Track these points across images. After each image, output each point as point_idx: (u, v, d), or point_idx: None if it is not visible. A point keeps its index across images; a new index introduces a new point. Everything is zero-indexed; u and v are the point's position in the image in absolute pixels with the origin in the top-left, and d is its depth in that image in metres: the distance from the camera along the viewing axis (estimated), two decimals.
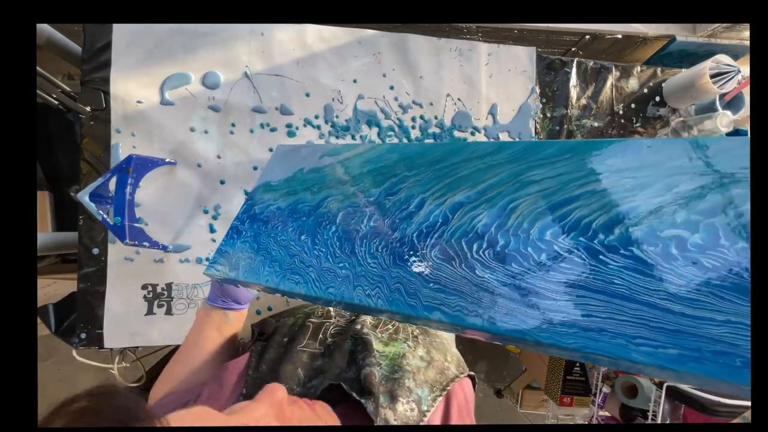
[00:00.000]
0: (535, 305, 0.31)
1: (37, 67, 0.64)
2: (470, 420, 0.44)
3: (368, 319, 0.50)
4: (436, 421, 0.40)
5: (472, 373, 0.48)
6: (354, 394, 0.37)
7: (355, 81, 0.82)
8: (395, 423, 0.37)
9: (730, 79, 0.86)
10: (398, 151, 0.46)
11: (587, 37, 1.02)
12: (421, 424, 0.38)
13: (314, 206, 0.48)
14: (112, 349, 0.74)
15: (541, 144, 0.37)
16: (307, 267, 0.44)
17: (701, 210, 0.29)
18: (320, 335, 0.48)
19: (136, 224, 0.70)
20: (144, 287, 0.72)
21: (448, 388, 0.43)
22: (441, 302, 0.35)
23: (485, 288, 0.33)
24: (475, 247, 0.35)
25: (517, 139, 0.87)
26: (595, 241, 0.31)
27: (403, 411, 0.38)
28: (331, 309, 0.54)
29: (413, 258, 0.38)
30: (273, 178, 0.55)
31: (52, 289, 1.14)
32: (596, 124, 0.92)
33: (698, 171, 0.30)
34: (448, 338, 0.55)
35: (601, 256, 0.30)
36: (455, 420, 0.41)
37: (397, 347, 0.46)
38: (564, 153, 0.36)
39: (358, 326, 0.48)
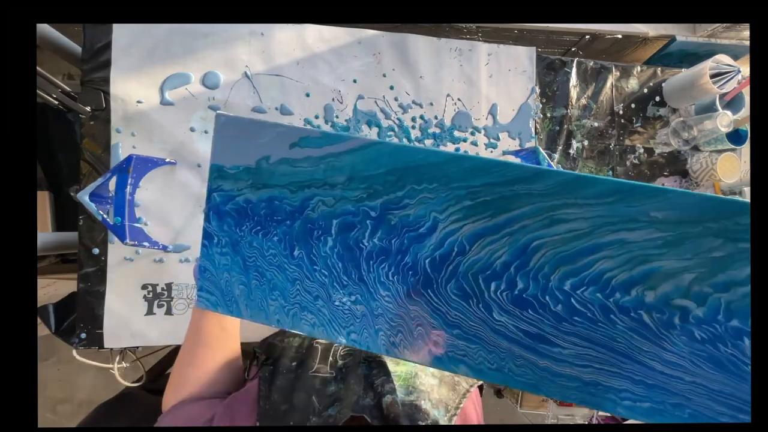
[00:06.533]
0: (545, 354, 0.34)
1: (37, 67, 0.64)
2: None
3: None
4: None
5: (480, 382, 0.48)
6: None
7: (355, 81, 0.82)
8: None
9: (730, 79, 0.86)
10: (402, 157, 0.36)
11: (587, 37, 1.02)
12: None
13: (297, 207, 0.39)
14: (112, 349, 0.74)
15: (586, 179, 0.32)
16: (315, 300, 0.38)
17: (716, 283, 0.31)
18: (330, 357, 0.46)
19: (136, 224, 0.70)
20: (144, 287, 0.72)
21: (461, 405, 0.43)
22: (464, 353, 0.35)
23: (502, 334, 0.34)
24: (493, 286, 0.34)
25: (517, 140, 0.87)
26: (610, 300, 0.32)
27: None
28: None
29: (429, 292, 0.36)
30: (226, 163, 0.42)
31: (52, 289, 1.14)
32: (596, 124, 0.92)
33: (733, 238, 0.30)
34: None
35: (611, 315, 0.32)
36: None
37: (408, 366, 0.46)
38: (609, 194, 0.31)
39: None
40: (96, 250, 0.71)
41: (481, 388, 0.49)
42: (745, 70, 0.91)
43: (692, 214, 0.30)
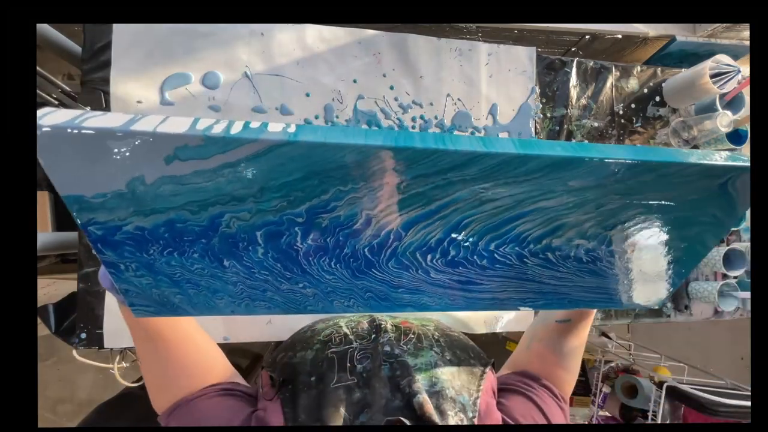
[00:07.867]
0: (472, 290, 0.42)
1: (37, 67, 0.64)
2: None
3: (390, 334, 0.49)
4: (486, 420, 0.42)
5: (492, 360, 0.50)
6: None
7: (355, 81, 0.82)
8: None
9: (730, 79, 0.86)
10: (319, 158, 0.29)
11: (587, 37, 1.02)
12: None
13: (207, 226, 0.33)
14: (112, 349, 0.74)
15: (517, 160, 0.31)
16: (263, 292, 0.38)
17: (606, 224, 0.37)
18: (348, 363, 0.46)
19: None
20: None
21: (482, 387, 0.44)
22: (409, 301, 0.41)
23: (438, 285, 0.40)
24: (429, 257, 0.38)
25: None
26: (525, 250, 0.38)
27: (455, 423, 0.40)
28: (347, 330, 0.51)
29: (372, 270, 0.38)
30: (85, 191, 0.29)
31: (52, 289, 1.14)
32: (596, 124, 0.92)
33: (625, 193, 0.35)
34: (458, 331, 0.56)
35: (525, 259, 0.39)
36: (496, 413, 0.43)
37: (426, 356, 0.46)
38: (536, 171, 0.32)
39: (387, 348, 0.47)
40: None
41: (493, 365, 0.50)
42: (745, 70, 0.91)
43: (598, 179, 0.33)
